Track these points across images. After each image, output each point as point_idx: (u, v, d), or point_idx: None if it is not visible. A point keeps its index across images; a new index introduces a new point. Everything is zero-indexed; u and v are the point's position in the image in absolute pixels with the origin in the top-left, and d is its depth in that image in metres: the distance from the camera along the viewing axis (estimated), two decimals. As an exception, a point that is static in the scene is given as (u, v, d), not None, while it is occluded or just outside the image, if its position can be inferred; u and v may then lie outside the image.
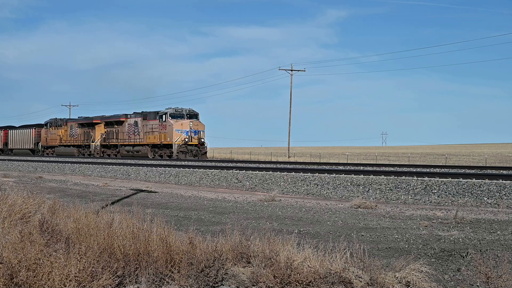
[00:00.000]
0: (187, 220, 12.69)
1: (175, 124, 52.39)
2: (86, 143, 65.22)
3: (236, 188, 23.61)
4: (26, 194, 11.31)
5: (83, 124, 66.52)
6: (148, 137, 55.29)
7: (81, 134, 66.65)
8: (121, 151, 58.88)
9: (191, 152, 51.53)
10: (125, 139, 58.95)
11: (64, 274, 6.01)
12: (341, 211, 14.72)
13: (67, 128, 70.23)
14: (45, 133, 74.58)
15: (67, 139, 69.43)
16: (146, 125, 55.93)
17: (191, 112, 53.97)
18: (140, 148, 56.17)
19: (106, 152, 62.23)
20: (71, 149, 68.03)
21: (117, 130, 60.73)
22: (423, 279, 6.28)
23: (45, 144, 74.28)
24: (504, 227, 11.65)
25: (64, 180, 28.98)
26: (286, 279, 6.18)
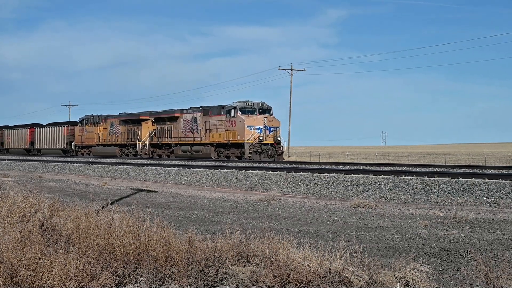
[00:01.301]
0: (187, 220, 12.69)
1: (247, 120, 45.13)
2: (131, 142, 57.62)
3: (236, 187, 23.62)
4: (26, 193, 11.31)
5: (127, 120, 58.79)
6: (211, 135, 47.83)
7: (124, 132, 58.91)
8: (176, 151, 51.71)
9: (265, 152, 44.56)
10: (181, 137, 51.43)
11: (64, 273, 6.02)
12: (341, 210, 14.72)
13: (106, 126, 62.45)
14: (80, 131, 66.76)
15: (107, 137, 61.74)
16: (207, 121, 48.40)
17: (264, 106, 46.98)
18: (201, 147, 48.99)
19: (157, 153, 55.00)
20: (112, 149, 60.44)
21: (170, 127, 53.09)
22: (423, 279, 6.28)
23: (80, 143, 66.72)
24: (504, 226, 11.65)
25: (64, 179, 28.99)
26: (286, 278, 6.19)
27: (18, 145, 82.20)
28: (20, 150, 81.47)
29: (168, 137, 53.41)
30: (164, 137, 53.93)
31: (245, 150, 44.77)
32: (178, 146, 51.59)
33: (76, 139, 68.01)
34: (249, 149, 44.57)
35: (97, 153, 62.46)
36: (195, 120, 50.44)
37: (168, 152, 53.01)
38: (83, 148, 66.62)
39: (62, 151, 72.00)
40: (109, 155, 59.15)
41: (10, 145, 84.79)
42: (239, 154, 45.42)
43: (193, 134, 50.29)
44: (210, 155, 47.67)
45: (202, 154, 48.53)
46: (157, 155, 54.36)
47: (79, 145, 67.08)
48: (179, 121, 52.01)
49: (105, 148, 61.62)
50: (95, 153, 62.88)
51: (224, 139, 46.79)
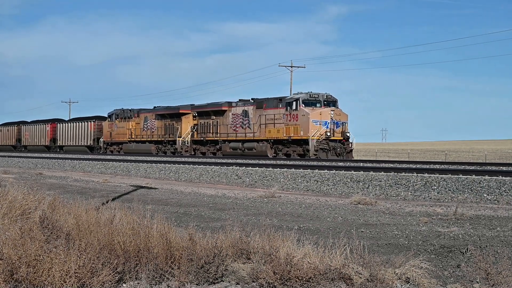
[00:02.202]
0: (187, 217, 12.70)
1: (311, 114, 39.81)
2: (170, 139, 52.06)
3: (236, 184, 23.62)
4: (26, 190, 11.31)
5: (164, 115, 53.26)
6: (267, 131, 42.69)
7: (160, 128, 53.41)
8: (224, 148, 46.53)
9: (333, 149, 39.42)
10: (229, 133, 46.23)
11: (64, 270, 6.02)
12: (341, 207, 14.72)
13: (139, 121, 56.70)
14: (109, 126, 60.65)
15: (141, 133, 56.06)
16: (262, 115, 43.15)
17: (329, 97, 41.52)
18: (254, 144, 43.65)
19: (200, 150, 49.59)
20: (146, 146, 54.93)
21: (215, 122, 47.74)
22: (423, 275, 6.28)
23: (109, 139, 60.67)
24: (504, 223, 11.65)
25: (64, 176, 29.00)
26: (286, 275, 6.19)
27: (38, 142, 76.12)
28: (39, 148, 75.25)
29: (213, 133, 48.24)
30: (208, 133, 48.79)
31: (310, 148, 39.39)
32: (226, 143, 46.33)
33: (105, 135, 61.90)
34: (314, 146, 39.19)
35: (129, 150, 56.89)
36: (246, 114, 45.22)
37: (214, 150, 48.07)
38: (112, 145, 60.71)
39: (87, 149, 66.04)
40: (143, 152, 53.56)
41: (29, 142, 78.54)
42: (302, 152, 40.26)
43: (244, 130, 45.14)
44: (265, 152, 42.54)
45: (256, 152, 43.38)
46: (201, 153, 49.15)
47: (108, 142, 61.13)
48: (226, 115, 46.81)
49: (138, 145, 56.10)
50: (127, 150, 57.21)
51: (283, 135, 41.63)
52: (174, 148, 51.32)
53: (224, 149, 46.45)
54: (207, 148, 48.89)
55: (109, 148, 60.98)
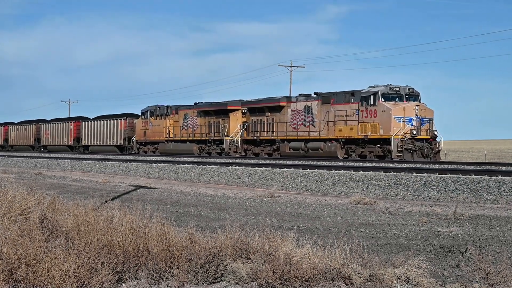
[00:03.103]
0: (186, 216, 12.70)
1: (394, 109, 35.02)
2: (216, 138, 47.22)
3: (236, 184, 23.63)
4: (26, 190, 11.31)
5: (208, 111, 48.43)
6: (337, 129, 37.74)
7: (204, 126, 48.39)
8: (282, 149, 41.45)
9: (419, 150, 34.58)
10: (288, 131, 41.26)
11: (63, 270, 6.02)
12: (340, 207, 14.73)
13: (178, 118, 51.61)
14: (143, 124, 55.30)
15: (180, 132, 50.94)
16: (330, 111, 38.21)
17: (412, 91, 36.46)
18: (320, 144, 38.67)
19: (252, 150, 44.48)
20: (187, 145, 49.80)
21: (271, 119, 43.00)
22: (422, 275, 6.29)
23: (143, 139, 55.40)
24: (503, 223, 11.66)
25: (64, 176, 29.00)
26: (286, 275, 6.19)
27: (60, 141, 71.14)
28: (61, 147, 70.16)
29: (268, 132, 43.33)
30: (262, 131, 43.80)
31: (392, 148, 34.46)
32: (285, 142, 41.29)
33: (137, 134, 56.48)
34: (398, 146, 34.32)
35: (166, 150, 51.74)
36: (309, 110, 40.14)
37: (270, 150, 43.16)
38: (146, 144, 55.45)
39: (117, 149, 60.76)
40: (183, 153, 48.57)
41: (49, 141, 73.27)
42: (382, 153, 35.39)
43: (307, 128, 40.08)
44: (334, 153, 37.68)
45: (322, 153, 38.40)
46: (253, 154, 44.09)
47: (142, 141, 55.85)
48: (284, 111, 41.94)
49: (177, 145, 50.91)
50: (164, 150, 52.05)
51: (357, 134, 36.60)
52: (221, 149, 46.56)
53: (282, 150, 41.50)
54: (260, 148, 44.07)
55: (143, 148, 55.86)
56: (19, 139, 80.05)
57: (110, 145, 61.70)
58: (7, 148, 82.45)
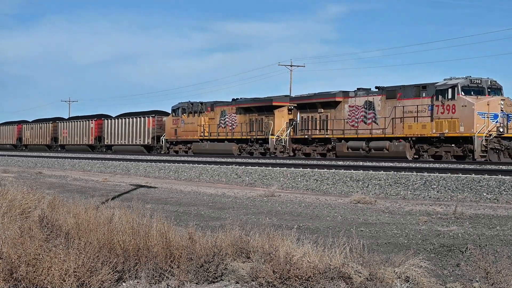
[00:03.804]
0: (186, 216, 12.70)
1: (476, 104, 31.39)
2: (259, 136, 43.34)
3: (236, 183, 23.63)
4: (26, 189, 11.31)
5: (249, 108, 44.64)
6: (406, 126, 33.88)
7: (244, 123, 44.51)
8: (339, 149, 37.39)
9: (507, 150, 30.94)
10: (346, 129, 37.33)
11: (63, 269, 6.02)
12: (341, 206, 14.73)
13: (214, 115, 47.73)
14: (174, 122, 51.16)
15: (216, 130, 47.06)
16: (397, 106, 34.45)
17: (494, 84, 32.88)
18: (385, 143, 34.64)
19: (303, 150, 40.41)
20: (225, 145, 45.91)
21: (324, 116, 39.03)
22: (423, 274, 6.29)
23: (174, 137, 51.24)
24: (504, 222, 11.66)
25: (64, 175, 29.01)
26: (286, 274, 6.19)
27: (79, 140, 67.30)
28: (81, 147, 66.59)
29: (321, 130, 39.27)
30: (314, 130, 39.81)
31: (475, 147, 30.76)
32: (343, 141, 37.33)
33: (168, 132, 52.45)
34: (482, 145, 30.74)
35: (200, 150, 47.62)
36: (370, 106, 36.39)
37: (324, 150, 39.07)
38: (178, 144, 51.47)
39: (145, 148, 56.57)
40: (221, 153, 44.23)
41: (67, 140, 69.51)
42: (461, 153, 31.62)
43: (369, 125, 36.31)
44: (403, 153, 33.69)
45: (388, 153, 34.50)
46: (303, 154, 40.19)
47: (172, 140, 51.75)
48: (341, 107, 38.08)
49: (214, 145, 47.04)
50: (198, 150, 47.97)
51: (431, 131, 32.86)
52: (265, 148, 42.76)
53: (339, 150, 37.50)
54: (312, 148, 39.84)
55: (173, 148, 51.87)
56: (34, 138, 76.37)
57: (136, 145, 57.59)
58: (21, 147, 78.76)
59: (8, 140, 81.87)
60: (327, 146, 38.76)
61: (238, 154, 44.26)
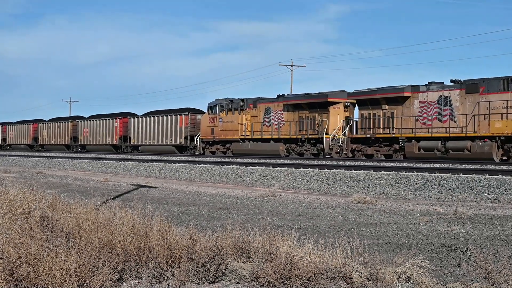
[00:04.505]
0: (187, 216, 12.70)
1: None
2: (311, 136, 39.58)
3: (237, 183, 23.63)
4: (27, 189, 11.32)
5: (299, 105, 40.91)
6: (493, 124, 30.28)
7: (293, 122, 40.87)
8: (408, 149, 33.70)
9: None
10: (417, 128, 33.72)
11: (64, 269, 6.02)
12: (341, 206, 14.73)
13: (257, 113, 44.13)
14: (210, 120, 47.66)
15: (260, 129, 43.52)
16: (481, 102, 30.97)
17: None
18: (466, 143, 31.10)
19: (363, 151, 36.81)
20: (271, 145, 42.24)
21: (389, 113, 35.50)
22: (423, 274, 6.28)
23: (210, 137, 47.68)
24: (504, 222, 11.66)
25: (65, 175, 29.02)
26: (286, 274, 6.19)
27: (102, 140, 63.63)
28: (105, 147, 62.66)
29: (386, 128, 35.80)
30: (377, 128, 36.20)
31: None
32: (413, 141, 33.67)
33: (203, 131, 48.69)
34: None
35: (242, 151, 44.07)
36: (446, 101, 32.85)
37: (389, 150, 35.37)
38: (214, 144, 47.81)
39: (176, 149, 53.13)
40: (265, 154, 40.98)
41: (89, 140, 66.04)
42: None
43: (445, 123, 32.77)
44: (488, 154, 29.99)
45: (469, 154, 30.94)
46: (364, 155, 36.59)
47: (209, 140, 48.12)
48: (410, 103, 34.54)
49: (257, 145, 43.41)
50: (238, 151, 44.44)
51: None
52: (318, 149, 39.13)
53: (408, 150, 33.80)
54: (375, 148, 36.21)
55: (209, 148, 48.17)
56: (51, 138, 72.79)
57: (167, 145, 54.02)
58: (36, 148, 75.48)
59: (23, 140, 78.67)
60: (394, 147, 35.20)
61: (286, 155, 40.84)
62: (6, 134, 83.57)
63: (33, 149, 75.34)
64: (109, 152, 59.11)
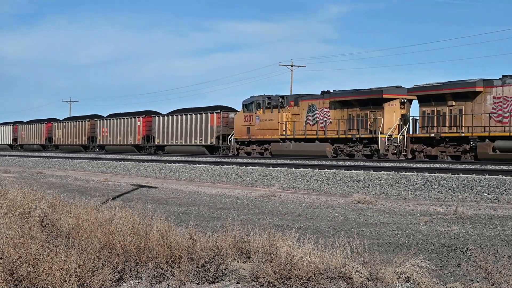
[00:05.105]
0: (187, 216, 12.70)
1: None
2: (363, 135, 36.43)
3: (237, 183, 23.63)
4: (27, 189, 11.31)
5: (349, 102, 37.77)
6: None
7: (342, 120, 37.83)
8: (481, 149, 30.39)
9: None
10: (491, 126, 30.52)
11: (64, 269, 6.02)
12: (341, 206, 14.73)
13: (299, 110, 40.91)
14: (246, 119, 44.28)
15: (303, 128, 40.26)
16: None
17: None
18: None
19: (426, 151, 33.51)
20: (316, 145, 39.11)
21: (456, 109, 32.39)
22: (423, 275, 6.29)
23: (245, 137, 44.38)
24: (504, 222, 11.66)
25: (65, 175, 29.02)
26: (286, 274, 6.19)
27: (123, 140, 60.37)
28: (126, 148, 59.66)
29: (453, 127, 32.49)
30: (442, 127, 32.90)
31: None
32: (486, 141, 30.35)
33: (237, 131, 45.29)
34: None
35: (282, 151, 40.82)
36: None
37: (456, 151, 32.01)
38: (251, 144, 44.42)
39: (207, 149, 49.84)
40: (309, 155, 38.08)
41: (108, 140, 62.64)
42: None
43: None
44: None
45: None
46: (426, 156, 33.32)
47: (244, 140, 44.72)
48: (481, 98, 31.20)
49: (300, 145, 40.32)
50: (279, 151, 41.16)
51: None
52: (372, 149, 36.03)
53: (481, 151, 30.45)
54: (440, 149, 32.80)
55: (244, 149, 44.86)
56: (67, 137, 69.72)
57: (196, 145, 50.69)
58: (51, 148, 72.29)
59: (36, 140, 75.67)
60: (463, 147, 31.85)
61: (333, 156, 37.84)
62: (18, 134, 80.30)
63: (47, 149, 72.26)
64: (131, 152, 56.64)
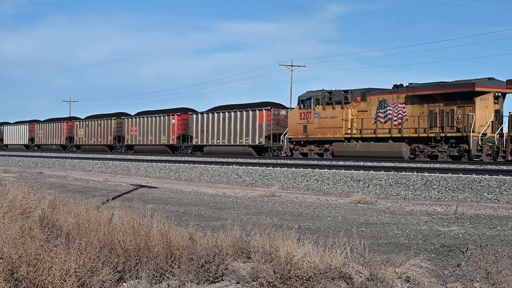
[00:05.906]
0: (187, 216, 12.70)
1: None
2: (449, 134, 32.36)
3: (237, 183, 23.63)
4: (27, 189, 11.31)
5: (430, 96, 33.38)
6: None
7: (421, 117, 33.67)
8: None
9: None
10: None
11: (64, 269, 6.02)
12: (341, 206, 14.73)
13: (367, 107, 36.69)
14: (301, 116, 40.04)
15: (372, 126, 36.09)
16: None
17: None
18: None
19: None
20: (389, 145, 35.04)
21: None
22: (423, 275, 6.29)
23: (302, 136, 40.04)
24: (504, 222, 11.65)
25: (65, 175, 29.01)
26: (286, 274, 6.19)
27: (155, 139, 56.41)
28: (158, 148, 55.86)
29: None
30: None
31: None
32: None
33: (292, 129, 41.09)
34: None
35: (347, 152, 36.98)
36: None
37: None
38: (308, 143, 40.05)
39: (254, 150, 45.73)
40: (381, 156, 34.46)
41: (137, 140, 58.76)
42: None
43: None
44: None
45: None
46: None
47: (300, 140, 40.39)
48: None
49: (369, 145, 36.26)
50: (342, 152, 37.34)
51: None
52: (460, 150, 31.95)
53: None
54: None
55: (300, 150, 40.66)
56: (90, 137, 65.72)
57: (242, 145, 46.62)
58: (71, 148, 68.84)
59: (55, 140, 72.29)
60: None
61: (411, 157, 33.89)
62: (34, 133, 76.48)
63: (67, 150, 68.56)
64: (164, 153, 53.17)
